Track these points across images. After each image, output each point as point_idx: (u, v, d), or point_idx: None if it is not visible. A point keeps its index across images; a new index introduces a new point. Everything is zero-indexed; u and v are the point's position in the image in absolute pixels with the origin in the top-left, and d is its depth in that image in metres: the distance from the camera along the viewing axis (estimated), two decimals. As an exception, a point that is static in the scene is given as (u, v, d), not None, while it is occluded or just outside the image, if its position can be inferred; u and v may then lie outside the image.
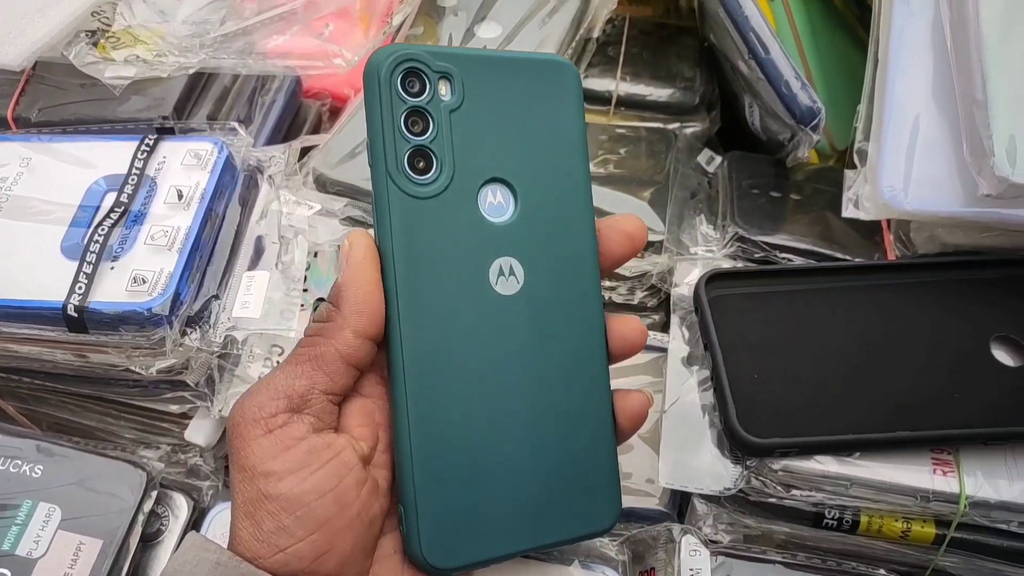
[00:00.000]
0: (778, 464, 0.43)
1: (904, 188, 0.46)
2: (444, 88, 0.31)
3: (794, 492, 0.44)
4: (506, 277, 0.32)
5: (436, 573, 0.31)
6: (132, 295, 0.43)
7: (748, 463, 0.44)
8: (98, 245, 0.44)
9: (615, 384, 0.36)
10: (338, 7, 0.58)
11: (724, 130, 0.67)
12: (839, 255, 0.53)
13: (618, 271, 0.52)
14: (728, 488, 0.45)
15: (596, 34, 0.64)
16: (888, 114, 0.48)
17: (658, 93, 0.65)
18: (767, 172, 0.58)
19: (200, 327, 0.44)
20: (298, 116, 0.62)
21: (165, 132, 0.50)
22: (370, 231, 0.32)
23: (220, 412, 0.47)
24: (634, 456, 0.48)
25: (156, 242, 0.45)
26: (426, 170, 0.31)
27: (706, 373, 0.47)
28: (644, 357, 0.52)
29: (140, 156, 0.48)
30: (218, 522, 0.47)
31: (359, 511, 0.31)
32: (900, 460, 0.43)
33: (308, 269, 0.52)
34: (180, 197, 0.46)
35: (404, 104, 0.30)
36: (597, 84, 0.65)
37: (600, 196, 0.35)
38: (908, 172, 0.47)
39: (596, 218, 0.35)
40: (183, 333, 0.44)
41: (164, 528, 0.47)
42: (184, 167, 0.48)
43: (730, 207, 0.56)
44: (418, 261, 0.31)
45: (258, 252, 0.48)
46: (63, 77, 0.55)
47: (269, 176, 0.50)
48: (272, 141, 0.58)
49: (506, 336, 0.32)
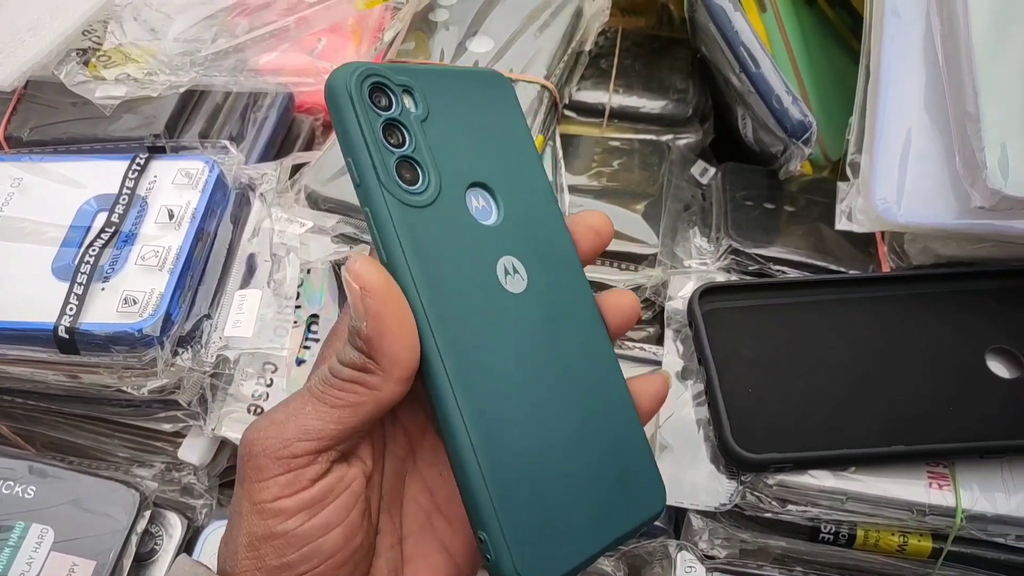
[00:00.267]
0: (773, 479, 0.43)
1: (897, 200, 0.46)
2: (408, 101, 0.31)
3: (790, 507, 0.43)
4: (512, 276, 0.32)
5: None
6: (123, 316, 0.43)
7: (743, 478, 0.44)
8: (89, 266, 0.44)
9: None
10: (330, 23, 0.58)
11: (718, 141, 0.66)
12: (833, 267, 0.52)
13: (610, 284, 0.52)
14: (724, 503, 0.45)
15: (588, 47, 0.64)
16: (880, 126, 0.48)
17: (651, 105, 0.65)
18: (761, 184, 0.58)
19: (192, 347, 0.44)
20: (291, 132, 0.62)
21: (156, 151, 0.50)
22: (368, 252, 0.32)
23: (213, 431, 0.47)
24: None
25: (147, 262, 0.44)
26: (414, 180, 0.30)
27: (700, 387, 0.47)
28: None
29: (131, 176, 0.48)
30: (212, 541, 0.47)
31: (362, 540, 0.30)
32: (896, 474, 0.43)
33: (301, 286, 0.52)
34: (171, 217, 0.46)
35: (380, 117, 0.30)
36: (590, 97, 0.65)
37: (593, 209, 0.35)
38: (901, 184, 0.47)
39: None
40: (175, 353, 0.44)
41: (158, 547, 0.46)
42: (175, 186, 0.48)
43: (724, 219, 0.56)
44: (435, 272, 0.30)
45: (250, 270, 0.48)
46: (54, 96, 0.55)
47: (261, 194, 0.50)
48: (265, 157, 0.58)
49: (529, 336, 0.32)
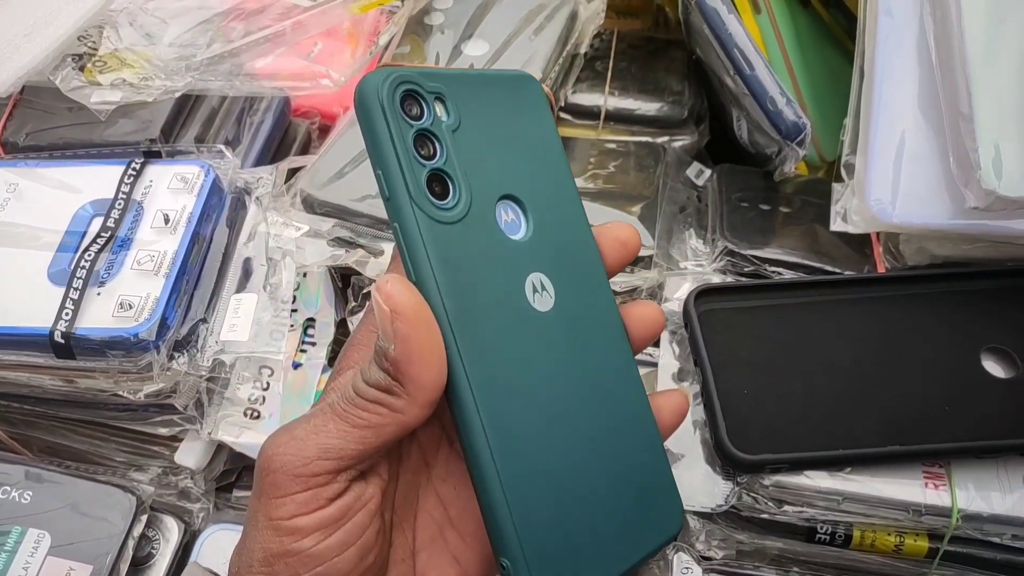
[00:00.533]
0: (769, 480, 0.43)
1: (892, 201, 0.46)
2: (440, 109, 0.30)
3: (786, 508, 0.43)
4: (540, 293, 0.31)
5: None
6: (119, 320, 0.43)
7: (739, 479, 0.44)
8: (84, 271, 0.44)
9: None
10: (325, 27, 0.58)
11: (714, 143, 0.67)
12: (829, 268, 0.52)
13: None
14: (720, 504, 0.45)
15: (584, 49, 0.65)
16: (874, 127, 0.48)
17: (647, 107, 0.65)
18: (756, 185, 0.58)
19: (188, 351, 0.44)
20: (287, 135, 0.62)
21: (152, 155, 0.50)
22: (391, 263, 0.31)
23: (210, 434, 0.47)
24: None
25: (143, 267, 0.45)
26: (444, 194, 0.29)
27: (696, 388, 0.47)
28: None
29: (127, 180, 0.48)
30: (209, 545, 0.47)
31: (376, 557, 0.30)
32: (892, 474, 0.43)
33: (297, 290, 0.52)
34: (167, 221, 0.46)
35: (411, 127, 0.29)
36: (585, 99, 0.65)
37: (590, 211, 0.35)
38: (895, 185, 0.47)
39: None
40: (170, 357, 0.44)
41: (155, 552, 0.46)
42: (171, 191, 0.48)
43: (719, 221, 0.56)
44: (464, 293, 0.29)
45: (246, 274, 0.48)
46: (51, 101, 0.55)
47: (257, 198, 0.50)
48: (261, 161, 0.58)
49: (555, 357, 0.31)
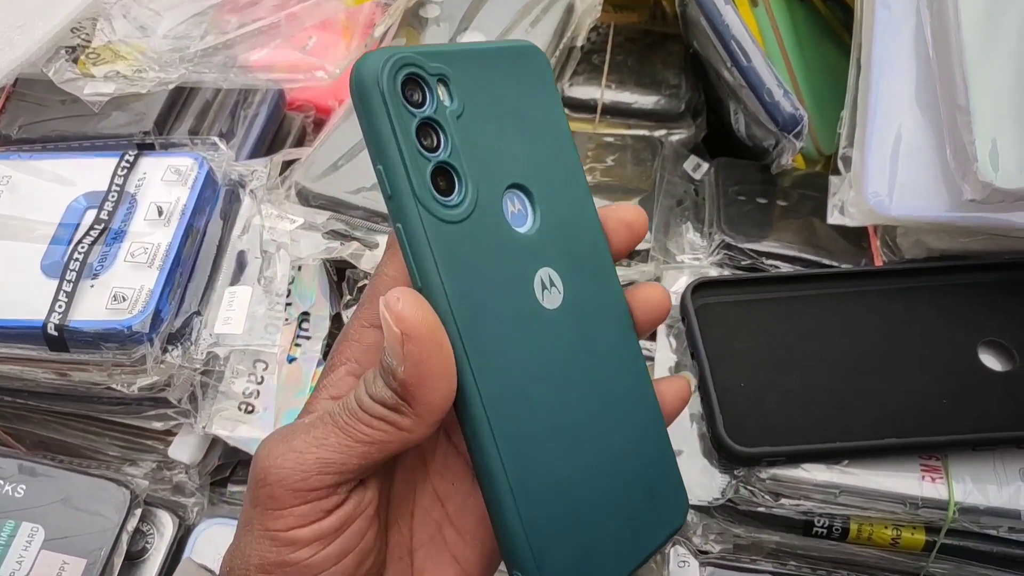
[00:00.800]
0: (766, 473, 0.43)
1: (889, 194, 0.46)
2: (443, 93, 0.28)
3: (783, 501, 0.43)
4: (548, 290, 0.30)
5: None
6: (112, 313, 0.42)
7: (736, 472, 0.44)
8: (78, 263, 0.44)
9: None
10: (320, 19, 0.58)
11: (711, 136, 0.66)
12: (826, 261, 0.52)
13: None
14: (717, 498, 0.44)
15: (580, 42, 0.64)
16: (872, 120, 0.48)
17: (644, 100, 0.64)
18: (754, 178, 0.58)
19: (182, 344, 0.44)
20: (282, 128, 0.62)
21: (146, 148, 0.50)
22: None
23: (204, 428, 0.47)
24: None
25: (136, 259, 0.44)
26: (450, 190, 0.27)
27: (694, 383, 0.47)
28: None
29: (120, 173, 0.47)
30: (204, 539, 0.47)
31: (374, 561, 0.30)
32: (888, 467, 0.43)
33: (292, 283, 0.52)
34: (160, 213, 0.46)
35: (414, 117, 0.27)
36: (582, 92, 0.65)
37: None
38: (893, 178, 0.47)
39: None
40: (164, 350, 0.44)
41: (149, 546, 0.46)
42: (164, 183, 0.47)
43: (717, 214, 0.56)
44: (474, 300, 0.27)
45: (240, 267, 0.48)
46: (44, 94, 0.55)
47: (251, 190, 0.50)
48: (255, 154, 0.57)
49: (564, 357, 0.30)
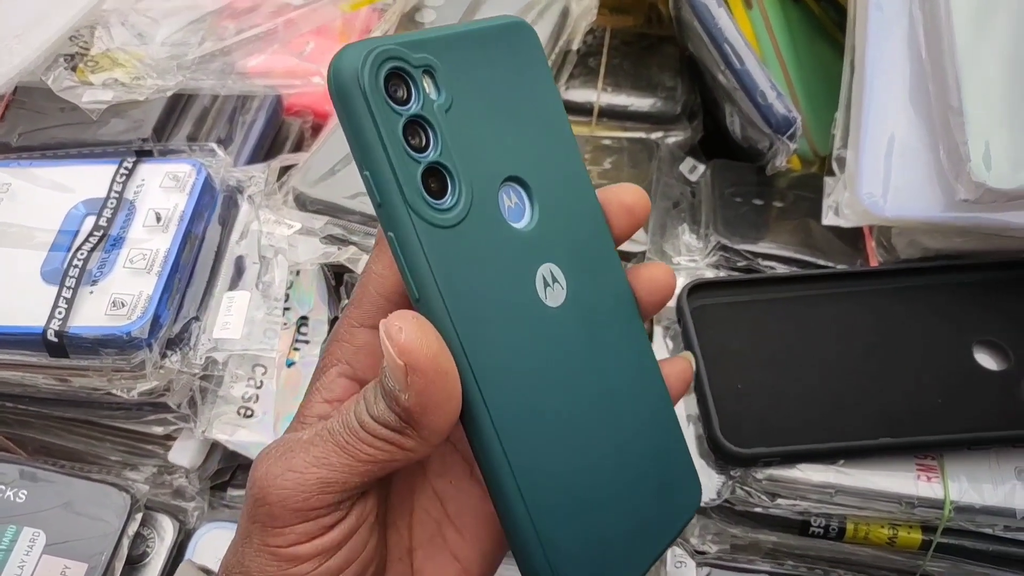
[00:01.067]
0: (762, 473, 0.43)
1: (883, 194, 0.47)
2: (429, 85, 0.26)
3: (779, 501, 0.44)
4: (551, 286, 0.28)
5: None
6: (111, 319, 0.43)
7: (733, 473, 0.44)
8: (77, 270, 0.44)
9: None
10: (317, 25, 0.58)
11: (708, 138, 0.67)
12: (822, 262, 0.52)
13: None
14: (713, 499, 0.45)
15: (576, 46, 0.65)
16: (865, 121, 0.48)
17: (640, 103, 0.65)
18: (749, 180, 0.58)
19: (180, 349, 0.44)
20: (280, 134, 0.62)
21: (144, 154, 0.50)
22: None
23: (203, 433, 0.47)
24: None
25: (135, 265, 0.45)
26: (443, 192, 0.26)
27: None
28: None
29: (119, 179, 0.48)
30: (204, 543, 0.47)
31: (376, 567, 0.30)
32: (884, 467, 0.43)
33: (290, 288, 0.52)
34: (159, 220, 0.46)
35: (399, 116, 0.25)
36: (579, 95, 0.65)
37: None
38: (887, 178, 0.47)
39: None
40: (163, 355, 0.44)
41: (150, 550, 0.46)
42: (163, 189, 0.48)
43: (713, 216, 0.56)
44: (474, 306, 0.26)
45: (238, 272, 0.48)
46: (43, 101, 0.55)
47: (249, 196, 0.50)
48: (254, 160, 0.58)
49: (570, 355, 0.29)
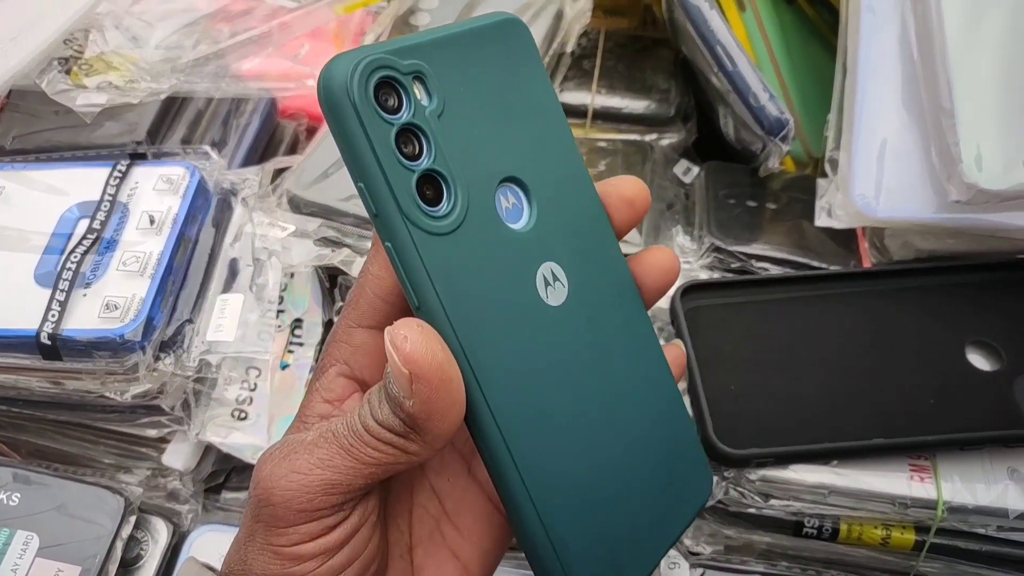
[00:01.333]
0: (756, 474, 0.43)
1: (876, 196, 0.47)
2: (420, 92, 0.26)
3: (772, 502, 0.44)
4: (552, 285, 0.28)
5: None
6: (105, 321, 0.43)
7: (726, 474, 0.44)
8: (71, 272, 0.44)
9: None
10: (311, 28, 0.58)
11: (702, 140, 0.67)
12: (815, 263, 0.53)
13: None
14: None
15: (570, 48, 0.65)
16: (858, 123, 0.48)
17: (634, 105, 0.65)
18: (743, 182, 0.59)
19: (174, 351, 0.44)
20: (275, 137, 0.63)
21: (138, 157, 0.50)
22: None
23: (197, 435, 0.47)
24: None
25: (128, 268, 0.45)
26: (438, 199, 0.26)
27: (683, 385, 0.47)
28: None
29: (112, 182, 0.48)
30: (198, 546, 0.47)
31: (378, 564, 0.30)
32: (877, 467, 0.43)
33: (284, 290, 0.52)
34: (152, 222, 0.46)
35: (391, 126, 0.25)
36: (573, 98, 0.65)
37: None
38: (879, 180, 0.47)
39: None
40: (156, 358, 0.44)
41: (144, 553, 0.46)
42: (156, 192, 0.48)
43: (706, 217, 0.56)
44: (474, 311, 0.26)
45: (232, 275, 0.48)
46: (37, 104, 0.55)
47: (243, 198, 0.51)
48: (248, 163, 0.58)
49: (575, 354, 0.29)
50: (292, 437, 0.28)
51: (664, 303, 0.51)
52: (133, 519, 0.46)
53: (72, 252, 0.45)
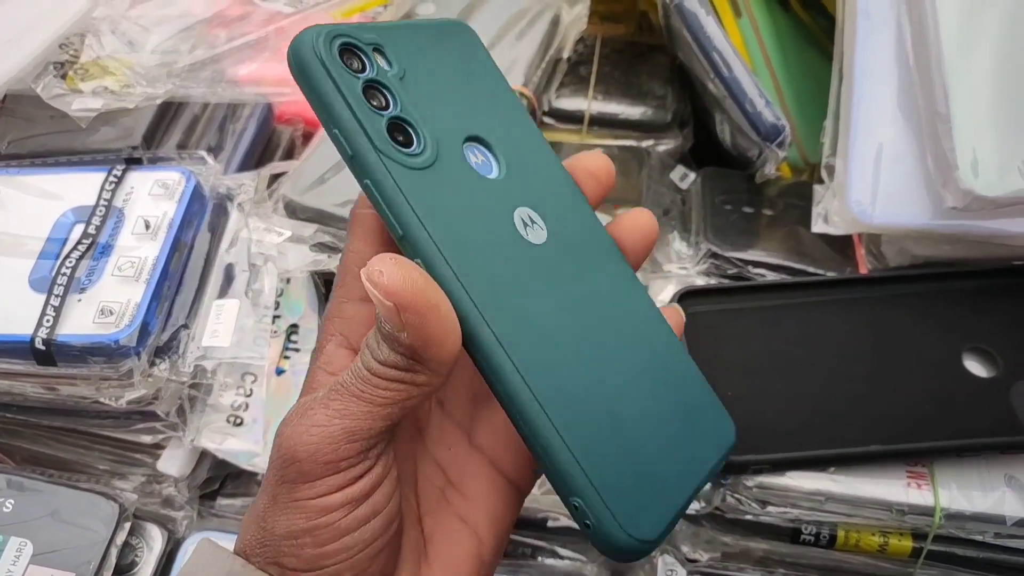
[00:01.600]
0: (753, 481, 0.43)
1: (872, 202, 0.47)
2: (381, 60, 0.28)
3: (769, 508, 0.44)
4: (531, 227, 0.30)
5: (645, 549, 0.28)
6: (100, 327, 0.43)
7: (723, 480, 0.44)
8: (66, 277, 0.44)
9: None
10: (308, 33, 0.58)
11: (699, 146, 0.67)
12: (811, 270, 0.53)
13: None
14: (704, 506, 0.45)
15: (567, 54, 0.65)
16: (854, 129, 0.48)
17: (630, 111, 0.65)
18: (740, 188, 0.59)
19: (169, 357, 0.44)
20: (271, 142, 0.62)
21: (133, 162, 0.50)
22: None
23: (192, 441, 0.47)
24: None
25: (123, 273, 0.44)
26: (409, 143, 0.27)
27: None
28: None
29: (108, 187, 0.48)
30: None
31: (398, 524, 0.30)
32: (875, 474, 0.43)
33: (281, 296, 0.52)
34: (147, 227, 0.46)
35: (357, 79, 0.27)
36: (569, 103, 0.65)
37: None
38: (875, 186, 0.47)
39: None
40: (152, 364, 0.44)
41: (138, 560, 0.46)
42: (152, 197, 0.48)
43: (703, 224, 0.56)
44: (459, 236, 0.27)
45: (228, 280, 0.48)
46: (32, 109, 0.55)
47: (239, 204, 0.50)
48: (244, 168, 0.58)
49: (566, 287, 0.30)
50: (304, 399, 0.29)
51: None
52: (128, 525, 0.45)
53: (67, 257, 0.45)
